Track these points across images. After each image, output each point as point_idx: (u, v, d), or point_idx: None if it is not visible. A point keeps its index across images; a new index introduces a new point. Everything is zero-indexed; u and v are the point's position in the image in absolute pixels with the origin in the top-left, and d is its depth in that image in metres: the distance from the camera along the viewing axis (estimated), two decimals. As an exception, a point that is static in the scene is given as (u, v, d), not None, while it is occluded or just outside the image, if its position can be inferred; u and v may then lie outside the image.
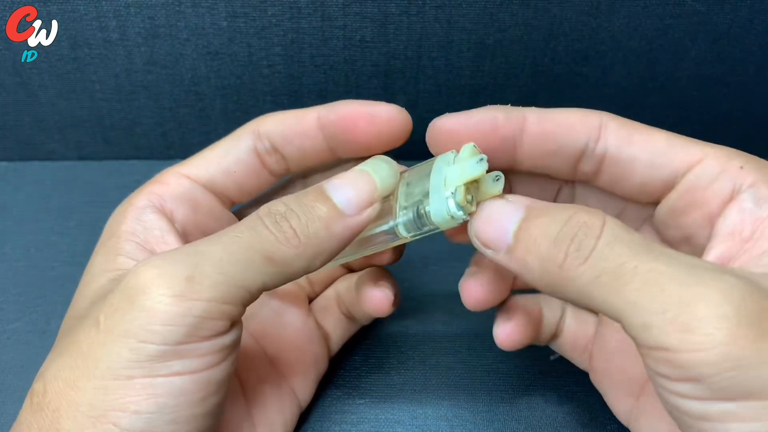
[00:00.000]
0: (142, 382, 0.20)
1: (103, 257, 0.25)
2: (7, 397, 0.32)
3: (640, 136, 0.23)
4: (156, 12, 0.36)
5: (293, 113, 0.28)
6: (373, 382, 0.33)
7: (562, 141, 0.23)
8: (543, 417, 0.31)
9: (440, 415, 0.31)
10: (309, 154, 0.28)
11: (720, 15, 0.37)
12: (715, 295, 0.17)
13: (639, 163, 0.23)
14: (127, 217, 0.25)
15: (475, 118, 0.24)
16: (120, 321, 0.20)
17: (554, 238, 0.20)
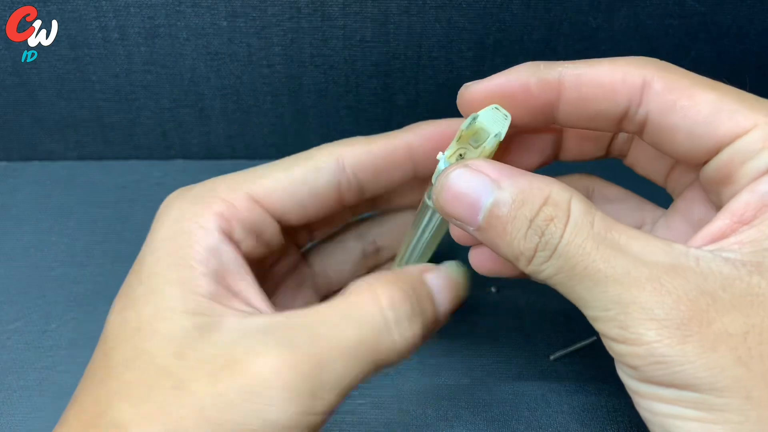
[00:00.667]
0: None
1: (177, 290, 0.21)
2: (7, 397, 0.32)
3: (686, 101, 0.21)
4: (156, 12, 0.36)
5: (379, 144, 0.26)
6: (372, 383, 0.33)
7: (601, 107, 0.22)
8: (543, 417, 0.31)
9: (440, 415, 0.31)
10: (391, 186, 0.27)
11: (720, 15, 0.37)
12: (649, 299, 0.19)
13: (680, 133, 0.21)
14: (196, 241, 0.22)
15: (507, 87, 0.22)
16: (236, 422, 0.19)
17: (523, 235, 0.20)
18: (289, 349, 0.20)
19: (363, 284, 0.22)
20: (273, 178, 0.24)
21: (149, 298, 0.22)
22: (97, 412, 0.21)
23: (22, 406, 0.31)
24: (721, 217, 0.20)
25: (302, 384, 0.19)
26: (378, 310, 0.21)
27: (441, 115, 0.42)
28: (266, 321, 0.21)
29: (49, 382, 0.32)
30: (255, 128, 0.42)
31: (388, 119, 0.42)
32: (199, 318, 0.21)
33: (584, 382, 0.33)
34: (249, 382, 0.19)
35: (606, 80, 0.22)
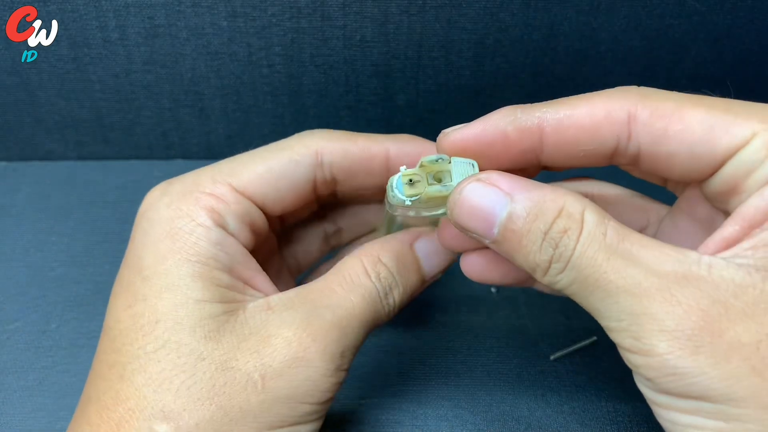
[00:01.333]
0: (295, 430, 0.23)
1: (197, 283, 0.23)
2: (7, 397, 0.32)
3: (677, 126, 0.21)
4: (156, 12, 0.36)
5: (358, 147, 0.26)
6: (373, 383, 0.33)
7: (588, 147, 0.22)
8: (543, 417, 0.31)
9: (440, 415, 0.31)
10: (363, 187, 0.28)
11: (720, 15, 0.37)
12: (659, 310, 0.19)
13: (678, 157, 0.21)
14: (200, 238, 0.23)
15: (485, 136, 0.22)
16: (285, 386, 0.22)
17: (539, 247, 0.21)
18: (318, 320, 0.23)
19: (355, 260, 0.25)
20: (254, 170, 0.25)
21: (163, 293, 0.23)
22: (129, 408, 0.22)
23: (22, 406, 0.31)
24: (731, 223, 0.20)
25: (334, 347, 0.23)
26: (371, 282, 0.25)
27: (441, 115, 0.42)
28: (284, 299, 0.24)
29: (49, 382, 0.32)
30: (255, 128, 0.42)
31: (388, 119, 0.42)
32: (224, 305, 0.23)
33: (584, 382, 0.33)
34: (292, 351, 0.22)
35: (588, 121, 0.22)
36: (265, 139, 0.42)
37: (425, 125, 0.42)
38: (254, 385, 0.22)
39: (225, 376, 0.22)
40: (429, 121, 0.42)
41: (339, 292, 0.24)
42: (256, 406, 0.22)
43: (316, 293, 0.24)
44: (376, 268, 0.25)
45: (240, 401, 0.22)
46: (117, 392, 0.22)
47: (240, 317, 0.23)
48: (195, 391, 0.22)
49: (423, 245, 0.27)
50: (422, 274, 0.27)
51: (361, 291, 0.24)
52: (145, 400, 0.22)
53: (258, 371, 0.22)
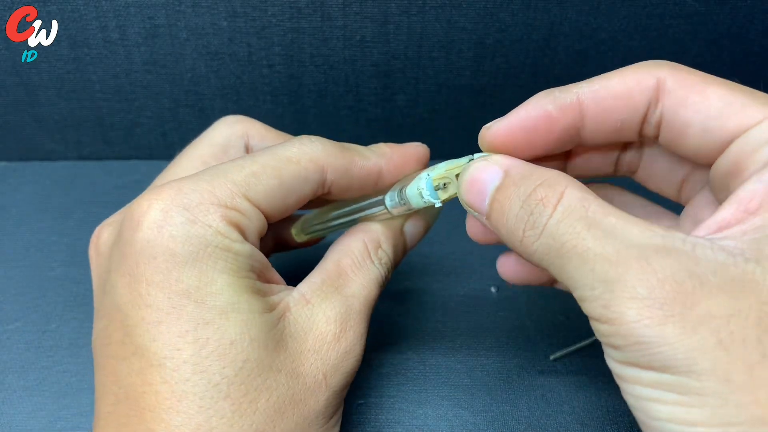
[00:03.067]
0: (339, 414, 0.25)
1: (251, 297, 0.23)
2: (7, 397, 0.32)
3: (697, 96, 0.21)
4: (156, 12, 0.36)
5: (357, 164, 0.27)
6: (373, 382, 0.33)
7: (623, 115, 0.23)
8: (543, 417, 0.31)
9: (440, 415, 0.31)
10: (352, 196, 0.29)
11: (720, 15, 0.37)
12: (633, 278, 0.18)
13: (692, 128, 0.22)
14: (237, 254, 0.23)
15: (528, 119, 0.23)
16: (341, 379, 0.24)
17: (516, 215, 0.21)
18: (352, 311, 0.25)
19: (359, 242, 0.27)
20: (268, 184, 0.25)
21: (229, 314, 0.22)
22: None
23: (23, 405, 0.31)
24: (727, 207, 0.20)
25: (363, 330, 0.26)
26: (376, 267, 0.27)
27: (441, 115, 0.42)
28: (315, 289, 0.25)
29: (49, 381, 0.32)
30: (255, 128, 0.42)
31: (388, 119, 0.42)
32: (273, 312, 0.24)
33: (584, 382, 0.33)
34: (342, 345, 0.25)
35: (622, 89, 0.22)
36: (265, 139, 0.42)
37: (425, 125, 0.42)
38: (320, 385, 0.24)
39: (298, 383, 0.23)
40: (429, 121, 0.42)
41: (353, 278, 0.26)
42: (324, 403, 0.24)
43: (338, 280, 0.26)
44: (378, 253, 0.27)
45: (313, 404, 0.23)
46: (198, 425, 0.21)
47: (291, 319, 0.24)
48: (279, 405, 0.22)
49: (409, 227, 0.29)
50: (405, 250, 0.29)
51: (371, 276, 0.26)
52: (234, 426, 0.21)
53: (321, 371, 0.24)
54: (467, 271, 0.38)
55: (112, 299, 0.23)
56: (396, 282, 0.37)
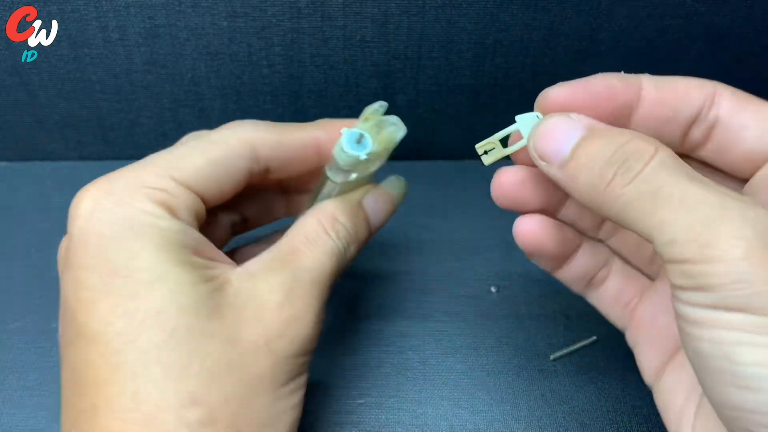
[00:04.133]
0: (296, 383, 0.25)
1: (182, 269, 0.23)
2: (8, 397, 0.32)
3: (753, 105, 0.23)
4: (156, 12, 0.36)
5: (292, 138, 0.28)
6: (373, 382, 0.33)
7: (678, 106, 0.24)
8: (543, 417, 0.31)
9: (440, 414, 0.31)
10: (297, 174, 0.29)
11: (720, 15, 0.37)
12: (738, 218, 0.18)
13: (749, 130, 0.23)
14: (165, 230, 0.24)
15: (592, 85, 0.24)
16: (287, 345, 0.25)
17: (608, 159, 0.21)
18: (300, 282, 0.25)
19: (314, 220, 0.27)
20: (195, 163, 0.25)
21: (155, 285, 0.23)
22: (153, 403, 0.22)
23: (23, 405, 0.31)
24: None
25: (316, 302, 0.26)
26: (333, 241, 0.27)
27: (441, 115, 0.42)
28: (262, 265, 0.26)
29: (49, 381, 0.32)
30: (255, 128, 0.42)
31: (388, 119, 0.42)
32: (211, 283, 0.24)
33: (584, 382, 0.33)
34: (285, 313, 0.25)
35: (682, 85, 0.24)
36: (265, 139, 0.42)
37: (425, 125, 0.42)
38: (262, 351, 0.24)
39: (236, 349, 0.23)
40: (429, 121, 0.42)
41: (308, 253, 0.26)
42: (268, 369, 0.24)
43: (288, 255, 0.26)
44: (335, 227, 0.27)
45: (255, 369, 0.24)
46: (134, 392, 0.22)
47: (230, 290, 0.24)
48: (215, 370, 0.23)
49: (370, 201, 0.29)
50: (370, 227, 0.29)
51: (327, 249, 0.27)
52: (168, 391, 0.22)
53: (262, 337, 0.24)
54: (467, 271, 0.38)
55: (63, 293, 0.25)
56: (396, 282, 0.37)
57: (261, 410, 0.24)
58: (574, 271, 0.27)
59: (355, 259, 0.29)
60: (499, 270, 0.38)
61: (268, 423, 0.24)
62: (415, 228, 0.39)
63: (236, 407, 0.23)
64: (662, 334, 0.26)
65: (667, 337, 0.26)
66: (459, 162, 0.44)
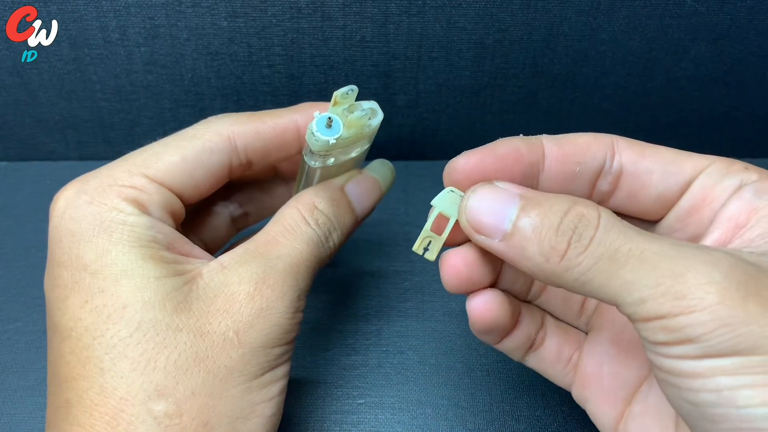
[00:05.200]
0: (272, 375, 0.25)
1: (149, 264, 0.23)
2: (8, 397, 0.32)
3: (649, 150, 0.24)
4: (156, 12, 0.36)
5: (269, 125, 0.27)
6: (373, 382, 0.33)
7: (581, 160, 0.24)
8: (543, 417, 0.31)
9: (440, 414, 0.31)
10: (279, 161, 0.29)
11: (720, 15, 0.37)
12: (703, 266, 0.19)
13: (655, 174, 0.23)
14: (135, 226, 0.24)
15: (498, 150, 0.23)
16: (258, 336, 0.24)
17: (556, 229, 0.21)
18: (272, 271, 0.25)
19: (293, 209, 0.27)
20: (168, 160, 0.26)
21: (121, 281, 0.23)
22: (120, 397, 0.22)
23: (24, 405, 0.31)
24: (717, 227, 0.22)
25: (291, 292, 0.25)
26: (311, 229, 0.26)
27: (441, 115, 0.42)
28: (235, 257, 0.25)
29: (49, 381, 0.32)
30: (255, 128, 0.42)
31: (388, 119, 0.42)
32: (180, 277, 0.24)
33: (584, 382, 0.33)
34: (256, 303, 0.24)
35: (581, 141, 0.24)
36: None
37: (425, 125, 0.42)
38: (231, 342, 0.24)
39: (204, 341, 0.23)
40: (429, 121, 0.42)
41: (284, 243, 0.26)
42: (238, 360, 0.24)
43: (263, 246, 0.26)
44: (314, 215, 0.27)
45: (223, 360, 0.23)
46: (102, 386, 0.22)
47: (200, 283, 0.24)
48: (181, 363, 0.23)
49: (353, 187, 0.29)
50: (355, 214, 0.29)
51: (305, 238, 0.26)
52: (135, 384, 0.22)
53: (231, 329, 0.24)
54: (467, 271, 0.38)
55: (45, 292, 0.25)
56: (396, 282, 0.37)
57: (232, 402, 0.23)
58: (519, 338, 0.27)
59: (340, 247, 0.28)
60: (499, 270, 0.38)
61: (241, 415, 0.24)
62: (415, 228, 0.39)
63: (204, 399, 0.23)
64: (611, 385, 0.26)
65: (617, 386, 0.25)
66: (459, 162, 0.44)
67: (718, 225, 0.22)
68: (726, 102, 0.41)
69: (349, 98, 0.25)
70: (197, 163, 0.26)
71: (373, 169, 0.30)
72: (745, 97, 0.41)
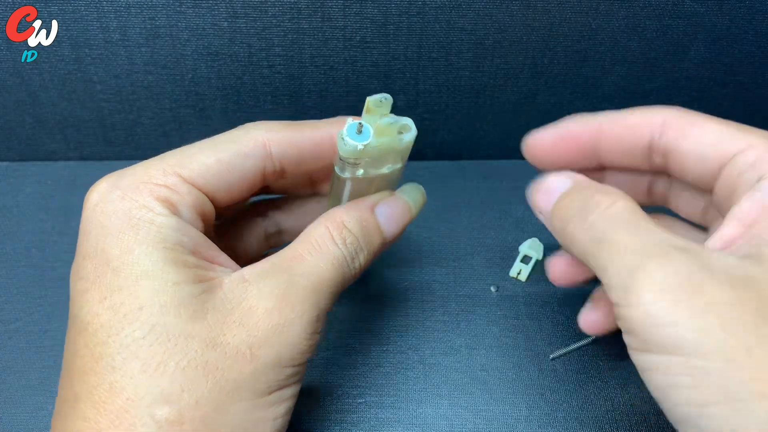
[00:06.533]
0: (280, 395, 0.24)
1: (171, 268, 0.23)
2: (9, 397, 0.32)
3: (695, 129, 0.25)
4: (157, 12, 0.36)
5: (305, 135, 0.27)
6: (373, 382, 0.33)
7: (629, 140, 0.27)
8: (543, 417, 0.31)
9: (440, 414, 0.31)
10: (312, 172, 0.29)
11: (719, 15, 0.37)
12: (652, 264, 0.21)
13: (692, 156, 0.25)
14: (161, 226, 0.24)
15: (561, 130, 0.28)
16: (272, 353, 0.24)
17: (574, 208, 0.25)
18: (294, 288, 0.24)
19: (321, 227, 0.26)
20: (203, 162, 0.26)
21: (140, 281, 0.23)
22: (127, 397, 0.22)
23: (24, 405, 0.32)
24: (728, 224, 0.23)
25: (310, 312, 0.25)
26: (339, 248, 0.26)
27: (441, 115, 0.42)
28: (259, 270, 0.25)
29: (50, 381, 0.32)
30: (255, 128, 0.42)
31: (388, 119, 0.42)
32: (200, 285, 0.24)
33: (583, 382, 0.33)
34: (274, 319, 0.24)
35: (633, 120, 0.27)
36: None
37: (425, 125, 0.42)
38: (243, 357, 0.23)
39: (216, 352, 0.23)
40: (429, 121, 0.42)
41: (309, 260, 0.25)
42: (248, 376, 0.23)
43: (288, 262, 0.25)
44: (342, 234, 0.26)
45: (233, 374, 0.23)
46: (111, 384, 0.22)
47: (219, 293, 0.24)
48: (190, 371, 0.22)
49: (383, 209, 0.28)
50: (383, 236, 0.28)
51: (330, 257, 0.26)
52: (142, 386, 0.22)
53: (245, 343, 0.23)
54: (467, 271, 0.38)
55: (70, 282, 0.25)
56: (396, 281, 0.37)
57: (235, 417, 0.23)
58: None
59: (365, 269, 0.28)
60: (499, 270, 0.38)
61: (242, 431, 0.23)
62: (415, 228, 0.40)
63: (208, 410, 0.22)
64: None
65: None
66: (459, 162, 0.44)
67: (728, 221, 0.23)
68: (725, 102, 0.41)
69: (383, 107, 0.25)
70: (231, 167, 0.26)
71: (405, 192, 0.30)
72: (745, 97, 0.41)
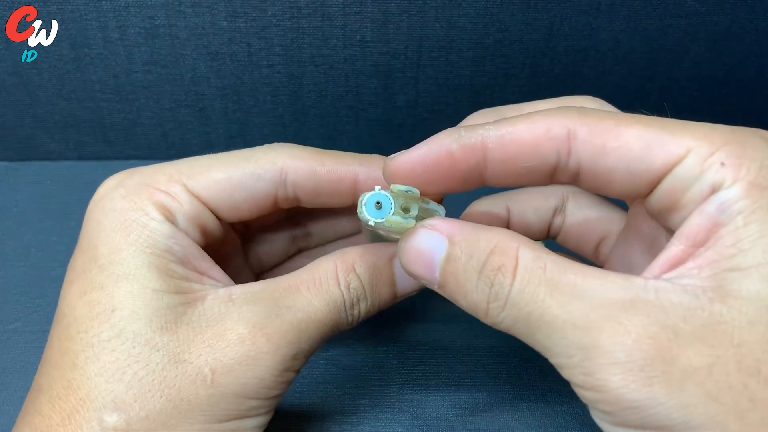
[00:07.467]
0: (239, 424, 0.23)
1: (154, 273, 0.23)
2: (8, 397, 0.32)
3: (614, 142, 0.20)
4: (156, 12, 0.36)
5: (326, 169, 0.26)
6: (373, 382, 0.33)
7: (528, 162, 0.21)
8: (543, 417, 0.31)
9: (440, 414, 0.31)
10: (332, 206, 0.27)
11: (720, 15, 0.37)
12: (608, 342, 0.18)
13: (617, 173, 0.21)
14: (154, 231, 0.23)
15: (429, 157, 0.22)
16: (234, 383, 0.22)
17: (475, 287, 0.21)
18: (276, 319, 0.23)
19: (330, 263, 0.25)
20: (212, 176, 0.25)
21: (120, 282, 0.23)
22: (80, 398, 0.22)
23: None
24: (675, 243, 0.20)
25: (287, 348, 0.23)
26: (339, 291, 0.24)
27: (441, 115, 0.42)
28: (247, 292, 0.24)
29: (49, 381, 0.32)
30: (255, 128, 0.42)
31: (388, 119, 0.42)
32: (181, 296, 0.23)
33: (584, 382, 0.33)
34: (244, 348, 0.22)
35: (528, 137, 0.21)
36: (265, 139, 0.42)
37: (425, 125, 0.42)
38: (204, 380, 0.22)
39: (177, 369, 0.22)
40: (429, 121, 0.42)
41: (304, 294, 0.24)
42: (205, 400, 0.22)
43: (281, 290, 0.24)
44: (347, 277, 0.25)
45: (189, 394, 0.22)
46: (69, 381, 0.22)
47: (198, 309, 0.23)
48: (146, 383, 0.22)
49: (401, 273, 0.26)
50: (395, 290, 0.26)
51: (327, 297, 0.24)
52: (96, 389, 0.22)
53: (209, 365, 0.22)
54: (467, 271, 0.38)
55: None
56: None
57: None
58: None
59: (366, 318, 0.26)
60: (499, 270, 0.38)
61: None
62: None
63: (156, 426, 0.22)
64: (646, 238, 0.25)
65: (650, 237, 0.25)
66: (459, 162, 0.44)
67: (678, 240, 0.20)
68: (726, 102, 0.41)
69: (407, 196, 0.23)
70: (240, 186, 0.25)
71: None
72: (745, 97, 0.41)
